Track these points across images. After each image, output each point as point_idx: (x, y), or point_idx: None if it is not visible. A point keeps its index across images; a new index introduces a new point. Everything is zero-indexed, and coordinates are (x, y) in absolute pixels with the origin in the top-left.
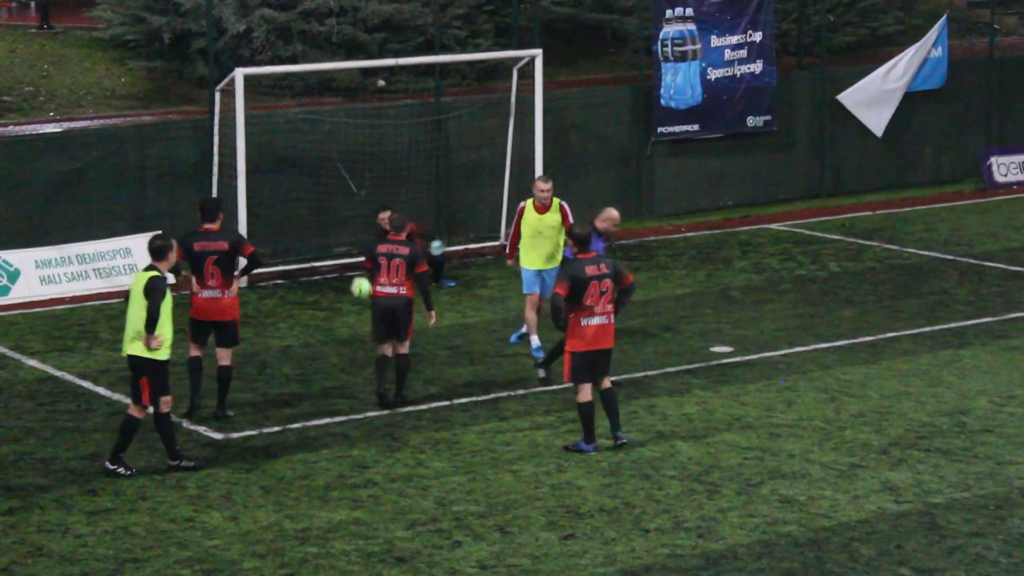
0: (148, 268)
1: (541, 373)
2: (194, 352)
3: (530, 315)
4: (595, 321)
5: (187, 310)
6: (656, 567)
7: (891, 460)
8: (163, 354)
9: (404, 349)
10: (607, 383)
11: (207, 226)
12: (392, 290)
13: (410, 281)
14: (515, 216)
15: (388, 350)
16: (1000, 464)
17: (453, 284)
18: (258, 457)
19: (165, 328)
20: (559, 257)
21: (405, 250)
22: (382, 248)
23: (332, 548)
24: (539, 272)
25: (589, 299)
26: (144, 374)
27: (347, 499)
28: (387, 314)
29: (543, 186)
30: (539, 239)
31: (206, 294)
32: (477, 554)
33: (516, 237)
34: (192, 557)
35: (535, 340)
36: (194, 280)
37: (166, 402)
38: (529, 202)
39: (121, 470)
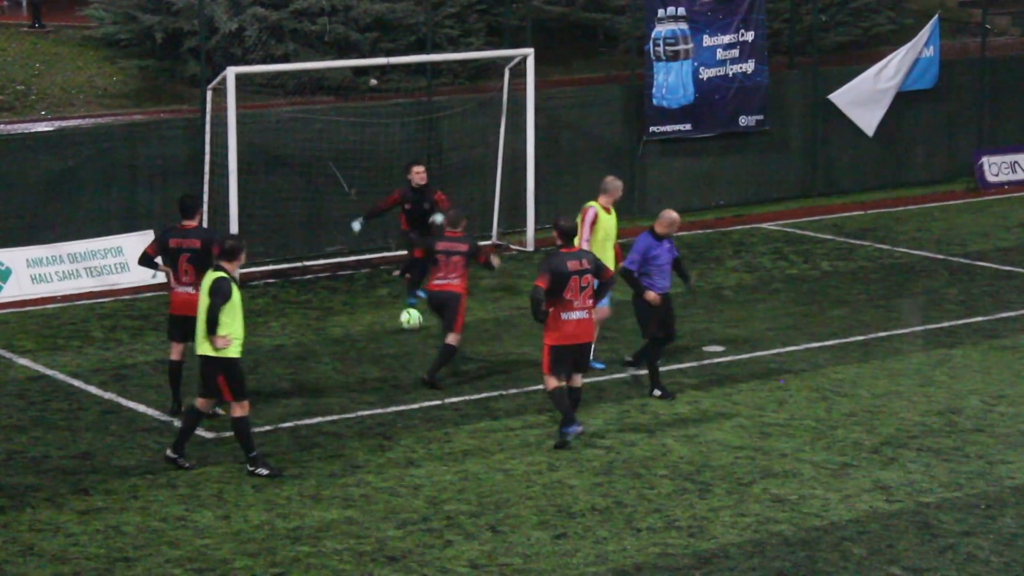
0: (216, 268)
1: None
2: (174, 356)
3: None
4: (575, 316)
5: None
6: (647, 566)
7: (882, 459)
8: (234, 351)
9: (450, 340)
10: (577, 381)
11: (185, 223)
12: (443, 282)
13: (464, 274)
14: (584, 221)
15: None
16: (991, 463)
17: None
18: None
19: (235, 327)
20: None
21: (464, 247)
22: (441, 246)
23: (324, 547)
24: None
25: (569, 293)
26: (219, 372)
27: (339, 498)
28: (439, 306)
29: (619, 184)
30: (609, 242)
31: (181, 290)
32: (469, 553)
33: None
34: (183, 556)
35: None
36: (171, 276)
37: (242, 406)
38: (598, 204)
39: (182, 461)
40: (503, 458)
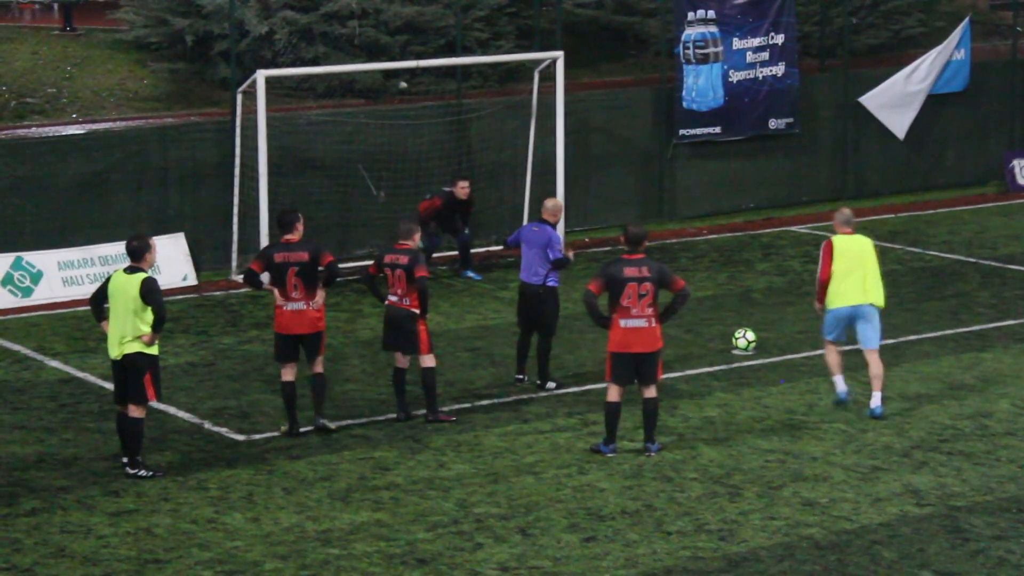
0: (133, 270)
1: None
2: (288, 377)
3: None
4: (632, 323)
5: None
6: (677, 569)
7: (913, 463)
8: (156, 348)
9: (426, 363)
10: (650, 392)
11: (287, 237)
12: (395, 299)
13: (414, 292)
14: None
15: (401, 362)
16: (1022, 467)
17: (478, 277)
18: (280, 458)
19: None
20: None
21: (404, 259)
22: (387, 258)
23: (353, 550)
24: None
25: (626, 300)
26: (147, 370)
27: (369, 501)
28: (390, 323)
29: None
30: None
31: (291, 307)
32: (498, 556)
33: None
34: (214, 558)
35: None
36: (278, 293)
37: (144, 409)
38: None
39: (143, 472)
40: (533, 461)
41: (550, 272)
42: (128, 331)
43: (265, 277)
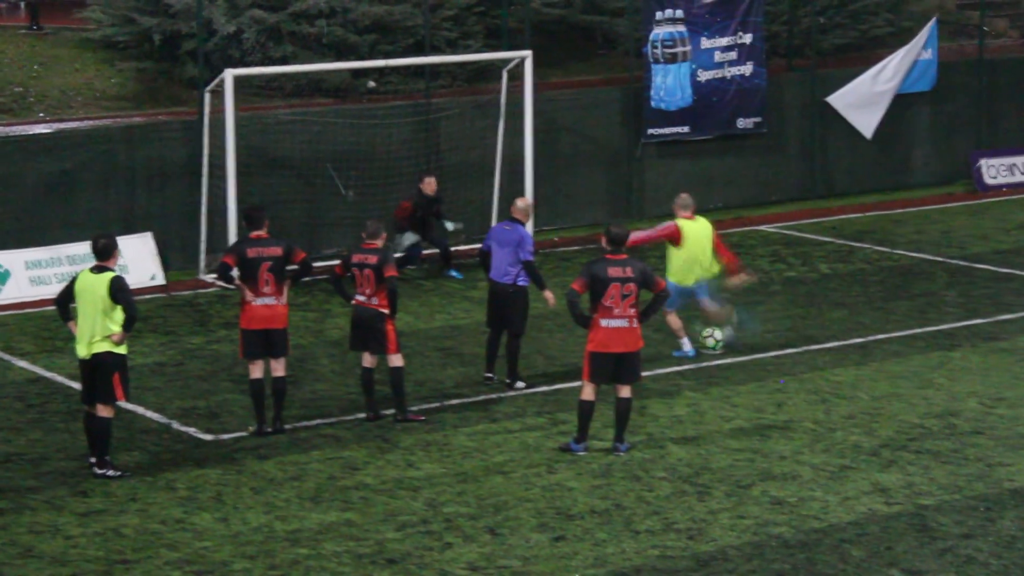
0: (101, 269)
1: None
2: (255, 374)
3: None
4: (614, 324)
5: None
6: (646, 568)
7: (881, 462)
8: (125, 348)
9: (394, 363)
10: (625, 392)
11: (256, 233)
12: (362, 299)
13: (383, 292)
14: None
15: (369, 361)
16: (990, 466)
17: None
18: (248, 458)
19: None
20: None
21: (373, 259)
22: (355, 258)
23: (323, 549)
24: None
25: (608, 300)
26: (116, 370)
27: (338, 500)
28: (359, 323)
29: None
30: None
31: (261, 302)
32: (468, 555)
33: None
34: (182, 558)
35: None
36: (247, 288)
37: (113, 408)
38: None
39: (111, 472)
40: (502, 460)
41: (520, 272)
42: (97, 331)
43: (234, 273)
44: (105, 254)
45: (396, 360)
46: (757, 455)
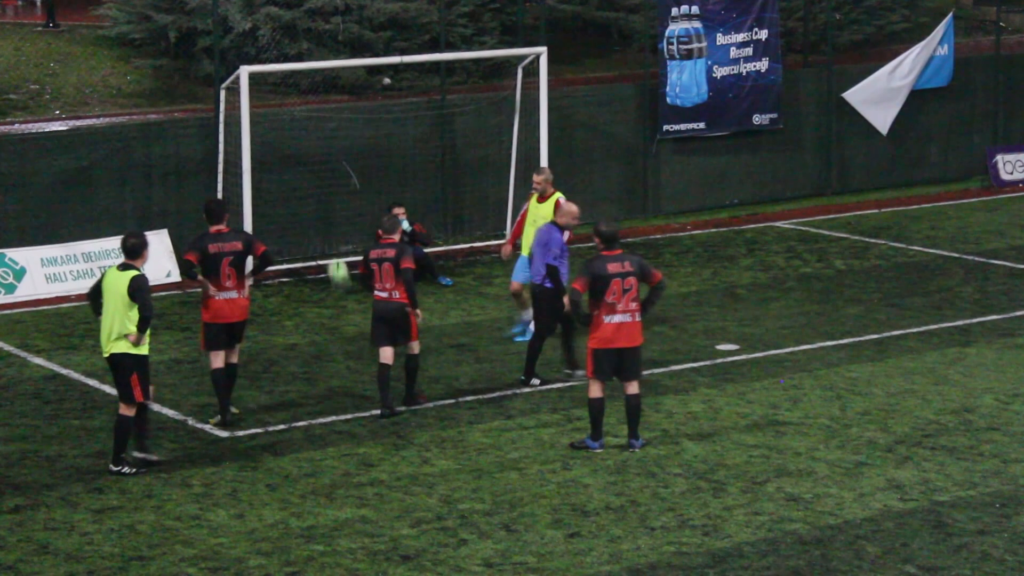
0: (126, 267)
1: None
2: (217, 364)
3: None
4: (617, 319)
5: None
6: (661, 565)
7: (897, 458)
8: (146, 348)
9: (413, 350)
10: (633, 388)
11: (217, 227)
12: (385, 295)
13: (402, 284)
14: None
15: (388, 357)
16: (1006, 462)
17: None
18: (264, 455)
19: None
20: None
21: (392, 252)
22: (373, 253)
23: (338, 546)
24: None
25: (611, 296)
26: (133, 371)
27: (353, 497)
28: (383, 318)
29: (536, 177)
30: (531, 228)
31: (224, 296)
32: (483, 552)
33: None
34: (198, 555)
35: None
36: (210, 283)
37: (133, 407)
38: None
39: (126, 469)
40: (517, 457)
41: (548, 273)
42: (116, 329)
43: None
44: (134, 253)
45: (414, 348)
46: (772, 451)
